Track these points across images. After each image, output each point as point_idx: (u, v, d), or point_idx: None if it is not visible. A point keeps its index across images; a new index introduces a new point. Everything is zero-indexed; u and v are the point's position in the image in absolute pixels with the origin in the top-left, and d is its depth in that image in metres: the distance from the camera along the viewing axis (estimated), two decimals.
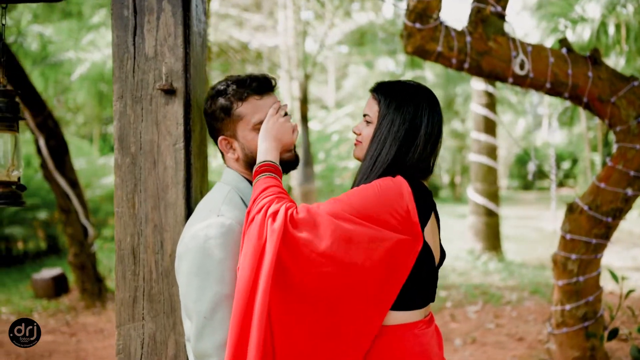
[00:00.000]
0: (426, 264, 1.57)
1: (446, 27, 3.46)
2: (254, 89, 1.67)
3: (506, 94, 17.11)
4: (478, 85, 9.43)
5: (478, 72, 3.60)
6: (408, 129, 1.61)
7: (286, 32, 12.24)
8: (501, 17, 3.57)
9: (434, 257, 1.61)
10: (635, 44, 6.67)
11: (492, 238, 9.47)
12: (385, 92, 1.67)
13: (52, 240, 11.01)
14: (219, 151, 1.75)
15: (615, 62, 8.02)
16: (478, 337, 5.31)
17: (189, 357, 1.63)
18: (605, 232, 3.69)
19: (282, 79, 12.40)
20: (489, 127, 9.42)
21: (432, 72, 17.68)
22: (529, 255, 9.98)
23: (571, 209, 3.79)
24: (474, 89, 9.72)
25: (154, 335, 1.75)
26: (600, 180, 3.64)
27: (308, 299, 1.47)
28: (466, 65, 3.51)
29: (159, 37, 1.76)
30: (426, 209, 1.56)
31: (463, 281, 7.85)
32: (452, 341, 5.20)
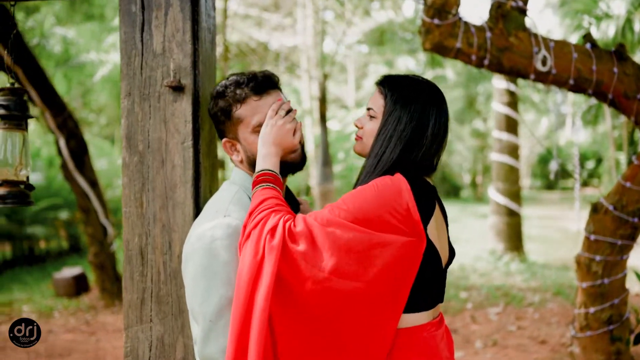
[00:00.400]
0: (430, 264, 1.50)
1: (465, 23, 3.38)
2: (252, 89, 1.60)
3: (529, 93, 16.88)
4: (500, 83, 9.31)
5: (498, 68, 3.52)
6: (415, 127, 1.54)
7: (305, 32, 12.20)
8: (522, 12, 3.48)
9: (439, 256, 1.53)
10: None
11: (514, 238, 9.34)
12: (393, 87, 1.59)
13: (73, 240, 11.15)
14: None
15: None
16: (499, 340, 5.21)
17: None
18: (631, 232, 3.58)
19: (302, 78, 12.36)
20: (511, 126, 9.29)
21: (453, 71, 17.50)
22: (552, 256, 9.82)
23: (595, 209, 3.68)
24: (495, 87, 9.60)
25: (162, 338, 1.71)
26: (625, 179, 3.54)
27: (312, 313, 1.40)
28: (486, 61, 3.43)
29: (167, 33, 1.72)
30: (428, 205, 1.49)
31: (484, 282, 7.73)
32: (472, 343, 5.11)
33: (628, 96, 3.46)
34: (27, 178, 1.85)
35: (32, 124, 13.55)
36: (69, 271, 7.59)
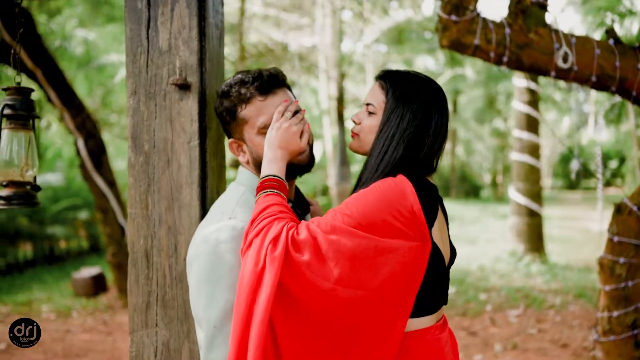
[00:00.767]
0: (435, 266, 1.45)
1: (484, 19, 3.30)
2: (257, 88, 1.54)
3: (550, 91, 16.63)
4: (520, 82, 9.17)
5: (518, 65, 3.42)
6: (418, 126, 1.48)
7: (323, 31, 12.16)
8: (542, 7, 3.39)
9: (443, 258, 1.49)
10: None
11: (534, 239, 9.18)
12: (395, 82, 1.53)
13: (93, 240, 11.24)
14: None
15: None
16: (519, 343, 5.10)
17: None
18: None
19: (320, 78, 12.30)
20: (532, 125, 9.14)
21: (473, 70, 17.32)
22: (573, 257, 9.64)
23: (619, 209, 3.57)
24: (515, 86, 9.46)
25: (168, 343, 1.67)
26: None
27: (316, 319, 1.36)
28: (505, 58, 3.34)
29: (173, 29, 1.68)
30: (432, 207, 1.44)
31: (504, 284, 7.60)
32: (492, 346, 5.01)
33: None
34: (34, 179, 1.82)
35: (54, 125, 13.72)
36: (87, 271, 7.64)
